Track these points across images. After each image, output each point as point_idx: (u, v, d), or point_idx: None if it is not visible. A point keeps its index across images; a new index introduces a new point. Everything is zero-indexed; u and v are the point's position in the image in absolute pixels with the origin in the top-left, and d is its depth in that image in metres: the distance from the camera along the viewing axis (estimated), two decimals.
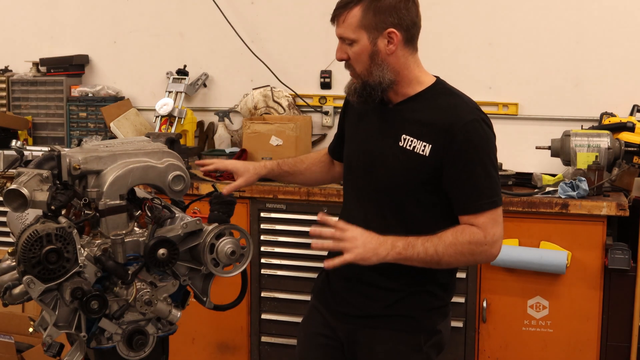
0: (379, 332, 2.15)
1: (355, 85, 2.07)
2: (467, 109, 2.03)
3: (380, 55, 2.01)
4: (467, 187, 1.99)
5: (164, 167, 2.20)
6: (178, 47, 4.33)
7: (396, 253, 1.94)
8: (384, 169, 2.07)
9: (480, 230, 1.99)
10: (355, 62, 2.04)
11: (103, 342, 2.12)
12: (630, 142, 3.39)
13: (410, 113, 2.06)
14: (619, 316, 3.20)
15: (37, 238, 1.94)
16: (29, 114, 4.42)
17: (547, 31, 3.77)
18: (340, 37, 2.05)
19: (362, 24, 1.99)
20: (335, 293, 2.24)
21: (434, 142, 1.99)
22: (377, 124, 2.11)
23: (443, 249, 1.95)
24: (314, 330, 2.31)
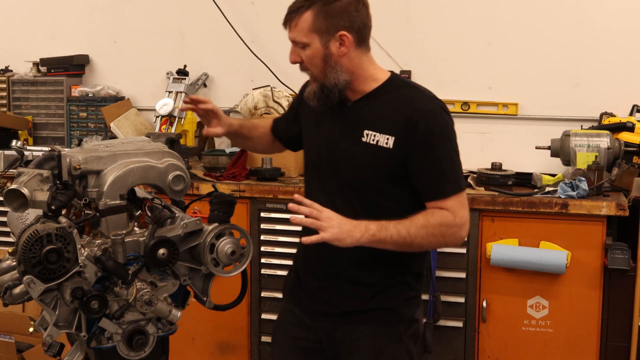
0: (359, 328, 2.17)
1: (314, 90, 2.12)
2: (426, 99, 2.08)
3: (333, 57, 2.06)
4: (433, 173, 2.04)
5: (164, 167, 2.20)
6: (178, 47, 4.33)
7: (370, 235, 1.97)
8: (351, 165, 2.10)
9: (449, 212, 2.03)
10: (309, 65, 2.10)
11: (103, 342, 2.12)
12: (629, 142, 3.39)
13: (370, 109, 2.10)
14: (618, 316, 3.20)
15: (37, 238, 1.94)
16: (29, 114, 4.42)
17: (547, 31, 3.78)
18: (293, 40, 2.10)
19: (314, 27, 2.04)
20: (309, 292, 2.25)
21: (396, 134, 2.04)
22: (337, 123, 2.15)
23: (415, 231, 2.00)
24: (290, 333, 2.31)
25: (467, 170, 3.65)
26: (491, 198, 3.25)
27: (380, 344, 2.17)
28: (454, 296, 3.33)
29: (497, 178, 3.38)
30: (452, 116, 3.44)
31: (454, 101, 3.91)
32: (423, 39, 3.95)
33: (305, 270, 2.26)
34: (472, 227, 3.28)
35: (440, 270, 3.31)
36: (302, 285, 2.28)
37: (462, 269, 3.31)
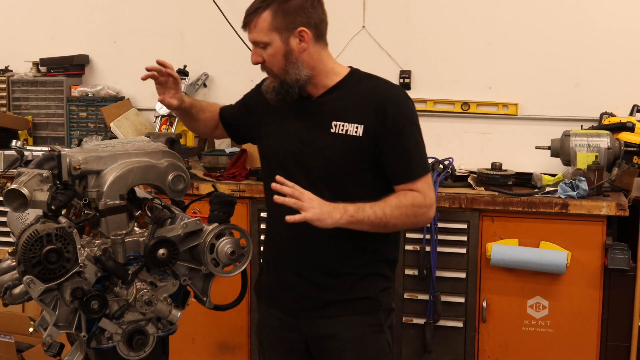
0: (340, 320, 2.21)
1: (273, 85, 2.18)
2: (390, 87, 2.19)
3: (294, 53, 2.12)
4: (403, 157, 2.12)
5: (164, 167, 2.20)
6: (178, 47, 4.33)
7: (349, 216, 2.03)
8: (322, 156, 2.15)
9: (419, 194, 2.11)
10: (271, 64, 2.16)
11: (103, 342, 2.12)
12: (630, 142, 3.39)
13: (336, 101, 2.16)
14: (618, 316, 3.20)
15: (37, 238, 1.94)
16: (29, 114, 4.42)
17: (547, 31, 3.78)
18: (254, 41, 2.16)
19: (273, 26, 2.11)
20: (286, 291, 2.26)
21: (365, 122, 2.11)
22: (302, 118, 2.19)
23: (390, 211, 2.07)
24: (276, 336, 2.33)
25: (467, 170, 3.65)
26: (491, 198, 3.25)
27: (363, 332, 2.22)
28: (454, 296, 3.33)
29: (497, 178, 3.38)
30: (452, 116, 3.51)
31: (454, 101, 3.91)
32: (423, 39, 3.95)
33: (279, 268, 2.27)
34: (472, 227, 3.29)
35: (440, 270, 3.31)
36: (277, 285, 2.29)
37: (462, 269, 3.31)
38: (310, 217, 1.99)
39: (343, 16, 4.01)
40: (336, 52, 3.93)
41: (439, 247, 3.30)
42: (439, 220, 3.29)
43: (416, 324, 3.36)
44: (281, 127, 2.23)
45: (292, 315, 2.27)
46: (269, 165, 2.28)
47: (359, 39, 3.98)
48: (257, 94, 2.35)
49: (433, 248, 3.30)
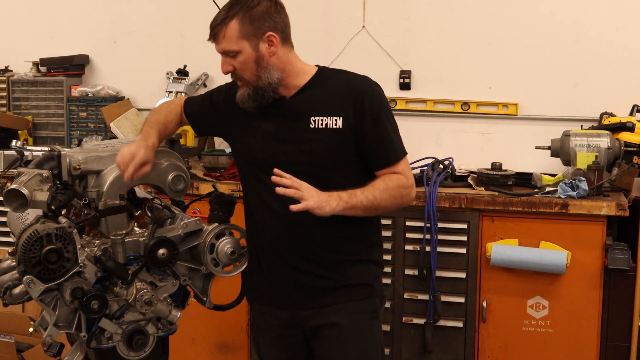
0: (338, 307, 2.25)
1: (247, 93, 2.20)
2: (361, 79, 2.26)
3: (265, 58, 2.17)
4: (383, 143, 2.21)
5: (164, 167, 2.21)
6: (178, 47, 4.33)
7: (344, 202, 2.09)
8: (304, 153, 2.19)
9: (402, 175, 2.21)
10: (243, 71, 2.19)
11: (103, 342, 2.12)
12: (630, 142, 3.39)
13: (310, 98, 2.22)
14: (618, 316, 3.20)
15: (37, 238, 1.94)
16: (29, 114, 4.42)
17: (547, 31, 3.77)
18: (224, 51, 2.19)
19: (242, 34, 2.15)
20: (283, 286, 2.27)
21: (344, 114, 2.18)
22: (278, 119, 2.23)
23: (379, 195, 2.15)
24: (273, 333, 2.34)
25: (467, 170, 3.65)
26: (491, 198, 3.25)
27: (361, 319, 2.27)
28: (454, 296, 3.33)
29: (497, 178, 3.38)
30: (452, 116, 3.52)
31: (454, 101, 3.91)
32: (423, 39, 3.95)
33: (272, 265, 2.28)
34: (472, 227, 3.29)
35: (440, 270, 3.31)
36: (272, 281, 2.29)
37: (462, 269, 3.31)
38: (311, 205, 2.04)
39: (343, 16, 4.01)
40: (336, 52, 4.00)
41: (439, 247, 3.30)
42: (439, 220, 3.29)
43: (416, 324, 3.36)
44: (258, 129, 2.26)
45: (290, 309, 2.28)
46: (250, 168, 2.29)
47: (359, 39, 3.97)
48: (226, 97, 2.36)
49: (433, 248, 3.29)
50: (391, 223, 3.33)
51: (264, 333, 2.38)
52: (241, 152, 2.33)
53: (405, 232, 3.35)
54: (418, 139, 3.87)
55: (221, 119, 2.37)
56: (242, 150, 2.32)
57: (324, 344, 2.28)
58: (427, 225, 3.29)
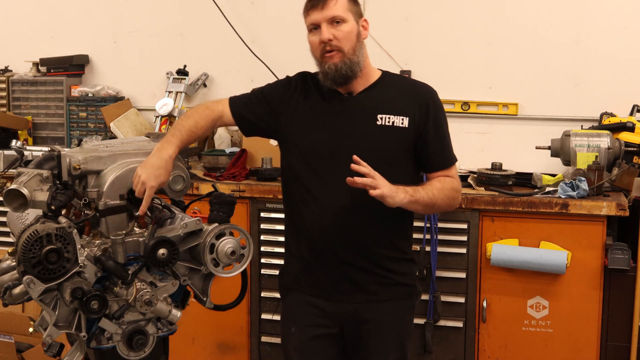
0: (383, 304, 2.36)
1: (343, 62, 2.26)
2: (425, 85, 2.41)
3: (361, 37, 2.31)
4: (441, 147, 2.35)
5: None
6: (178, 47, 4.33)
7: (410, 196, 2.19)
8: (370, 147, 2.28)
9: (454, 179, 2.36)
10: (345, 40, 2.26)
11: (103, 342, 2.12)
12: (630, 142, 3.39)
13: (378, 96, 2.33)
14: (619, 316, 3.20)
15: (37, 238, 1.94)
16: (29, 114, 4.42)
17: (547, 31, 3.77)
18: (332, 17, 2.25)
19: (349, 8, 2.28)
20: (332, 279, 2.34)
21: (410, 115, 2.30)
22: (343, 113, 2.32)
23: (437, 193, 2.28)
24: (307, 322, 2.39)
25: (467, 170, 3.65)
26: (491, 198, 3.25)
27: (401, 316, 2.41)
28: (454, 296, 3.33)
29: (497, 178, 3.38)
30: (452, 116, 3.52)
31: (454, 101, 3.90)
32: (423, 39, 3.95)
33: (323, 258, 2.34)
34: (472, 227, 3.29)
35: (440, 270, 3.31)
36: (320, 273, 2.35)
37: (462, 269, 3.31)
38: (386, 192, 2.13)
39: None
40: None
41: (439, 247, 3.30)
42: (439, 220, 3.29)
43: (416, 324, 3.34)
44: (322, 123, 2.33)
45: (335, 301, 2.35)
46: (308, 161, 2.33)
47: None
48: (284, 93, 2.41)
49: (433, 248, 3.30)
50: None
51: (299, 321, 2.41)
52: (301, 147, 2.35)
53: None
54: None
55: (278, 116, 2.39)
56: (302, 145, 2.35)
57: (361, 338, 2.37)
58: (427, 225, 3.29)
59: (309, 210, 2.33)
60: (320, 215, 2.31)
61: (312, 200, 2.32)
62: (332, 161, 2.28)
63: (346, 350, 2.41)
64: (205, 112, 2.41)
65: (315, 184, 2.32)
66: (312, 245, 2.35)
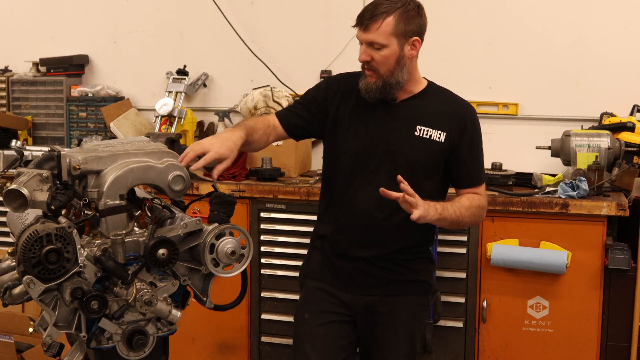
0: (399, 300, 2.44)
1: (376, 84, 2.31)
2: (465, 103, 2.45)
3: (404, 59, 2.30)
4: (474, 164, 2.41)
5: (164, 167, 2.20)
6: (178, 47, 4.33)
7: (438, 214, 2.24)
8: (406, 156, 2.34)
9: (482, 197, 2.42)
10: (381, 65, 2.28)
11: (103, 342, 2.12)
12: (630, 142, 3.39)
13: (420, 107, 2.38)
14: (619, 316, 3.20)
15: (37, 238, 1.94)
16: (29, 114, 4.42)
17: (547, 31, 3.77)
18: (371, 42, 2.27)
19: (395, 31, 2.25)
20: (350, 271, 2.43)
21: (448, 130, 2.35)
22: (387, 118, 2.37)
23: (464, 212, 2.33)
24: (321, 308, 2.47)
25: None
26: (491, 198, 3.24)
27: (414, 311, 2.48)
28: (454, 296, 3.33)
29: (497, 178, 3.38)
30: None
31: None
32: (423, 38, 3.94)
33: (347, 254, 2.43)
34: (473, 227, 3.28)
35: (440, 270, 3.31)
36: (342, 267, 2.44)
37: (462, 269, 3.31)
38: (422, 213, 2.17)
39: (343, 16, 4.00)
40: (336, 52, 4.00)
41: (439, 247, 3.30)
42: None
43: None
44: (364, 125, 2.38)
45: (352, 292, 2.44)
46: (347, 162, 2.40)
47: None
48: (327, 94, 2.44)
49: (433, 248, 3.29)
50: None
51: (313, 307, 2.48)
52: (341, 146, 2.41)
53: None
54: None
55: (326, 115, 2.44)
56: (343, 145, 2.40)
57: (375, 329, 2.45)
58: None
59: (340, 208, 2.42)
60: (350, 215, 2.40)
61: (344, 200, 2.41)
62: (367, 164, 2.36)
63: (360, 341, 2.48)
64: (260, 118, 2.53)
65: (348, 184, 2.40)
66: (335, 237, 2.44)
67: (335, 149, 2.45)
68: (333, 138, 2.45)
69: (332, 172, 2.47)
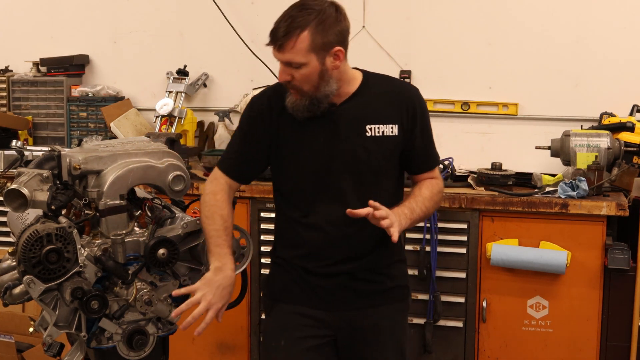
0: (382, 309, 2.31)
1: (302, 103, 2.14)
2: (408, 85, 2.37)
3: (328, 72, 2.11)
4: (428, 148, 2.31)
5: (164, 167, 2.21)
6: (178, 47, 4.33)
7: (409, 219, 2.16)
8: (362, 162, 2.20)
9: (439, 179, 2.35)
10: (303, 83, 2.11)
11: (103, 342, 2.12)
12: (629, 142, 3.39)
13: (363, 105, 2.21)
14: (618, 316, 3.20)
15: (37, 238, 1.94)
16: (29, 114, 4.42)
17: (547, 31, 3.77)
18: (288, 62, 2.09)
19: (312, 47, 2.06)
20: (327, 287, 2.25)
21: (399, 121, 2.22)
22: (331, 127, 2.19)
23: (429, 204, 2.26)
24: (299, 334, 2.26)
25: (467, 170, 3.65)
26: (491, 198, 3.25)
27: (398, 319, 2.37)
28: (454, 296, 3.33)
29: (497, 178, 3.38)
30: (452, 116, 3.49)
31: (454, 101, 3.91)
32: (423, 39, 3.95)
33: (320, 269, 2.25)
34: (472, 227, 3.29)
35: (440, 270, 3.31)
36: (316, 283, 2.26)
37: (462, 269, 3.31)
38: (397, 228, 2.07)
39: None
40: None
41: (439, 247, 3.30)
42: (439, 220, 3.29)
43: (416, 324, 3.36)
44: (308, 139, 2.20)
45: (331, 310, 2.26)
46: (304, 185, 2.23)
47: (359, 39, 3.97)
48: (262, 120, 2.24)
49: (433, 248, 3.30)
50: None
51: (290, 334, 2.28)
52: (292, 166, 2.24)
53: (405, 232, 3.34)
54: None
55: (270, 145, 2.25)
56: (293, 164, 2.23)
57: (358, 346, 2.30)
58: (427, 225, 3.29)
59: (306, 231, 2.24)
60: (320, 237, 2.22)
61: (309, 222, 2.23)
62: (326, 183, 2.19)
63: None
64: (219, 198, 2.26)
65: (309, 206, 2.23)
66: (308, 257, 2.26)
67: (287, 173, 2.26)
68: (282, 163, 2.26)
69: (288, 195, 2.28)
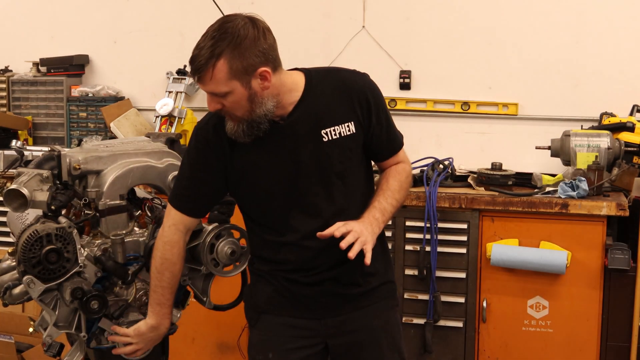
0: (370, 309, 2.20)
1: (240, 128, 2.01)
2: (354, 74, 2.16)
3: (258, 94, 1.97)
4: (388, 133, 2.18)
5: (164, 167, 2.21)
6: (178, 47, 4.33)
7: (382, 223, 2.09)
8: (326, 170, 2.08)
9: (405, 163, 2.25)
10: (234, 110, 1.98)
11: (103, 342, 2.12)
12: (630, 142, 3.39)
13: (311, 110, 2.06)
14: (618, 316, 3.20)
15: (37, 238, 1.94)
16: (29, 114, 4.42)
17: (547, 31, 3.77)
18: (212, 92, 1.97)
19: (232, 74, 1.93)
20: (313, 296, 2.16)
21: (353, 117, 2.09)
22: (286, 143, 2.06)
23: (399, 196, 2.17)
24: (288, 346, 2.18)
25: (467, 170, 3.65)
26: (491, 198, 3.25)
27: (387, 315, 2.26)
28: (454, 296, 3.33)
29: (497, 178, 3.38)
30: (452, 116, 3.48)
31: (454, 101, 3.91)
32: (423, 39, 3.95)
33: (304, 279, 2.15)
34: (472, 227, 3.29)
35: (440, 270, 3.31)
36: (300, 294, 2.16)
37: (462, 269, 3.31)
38: (369, 240, 2.00)
39: (343, 16, 4.01)
40: (336, 52, 4.00)
41: (439, 247, 3.30)
42: (439, 220, 3.29)
43: (416, 324, 3.36)
44: (270, 165, 2.07)
45: (318, 318, 2.17)
46: (273, 206, 2.11)
47: (359, 39, 3.97)
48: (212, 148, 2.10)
49: (433, 248, 3.29)
50: (391, 223, 3.32)
51: (278, 346, 2.18)
52: (254, 188, 2.11)
53: (405, 232, 3.35)
54: (418, 139, 3.87)
55: (224, 174, 2.12)
56: (254, 186, 2.10)
57: (351, 351, 2.21)
58: (427, 225, 3.29)
59: (281, 244, 2.12)
60: (295, 246, 2.10)
61: (283, 235, 2.11)
62: (296, 201, 2.08)
63: None
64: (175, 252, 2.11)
65: (284, 226, 2.10)
66: (290, 271, 2.15)
67: (253, 198, 2.13)
68: (246, 190, 2.12)
69: (259, 219, 2.15)
